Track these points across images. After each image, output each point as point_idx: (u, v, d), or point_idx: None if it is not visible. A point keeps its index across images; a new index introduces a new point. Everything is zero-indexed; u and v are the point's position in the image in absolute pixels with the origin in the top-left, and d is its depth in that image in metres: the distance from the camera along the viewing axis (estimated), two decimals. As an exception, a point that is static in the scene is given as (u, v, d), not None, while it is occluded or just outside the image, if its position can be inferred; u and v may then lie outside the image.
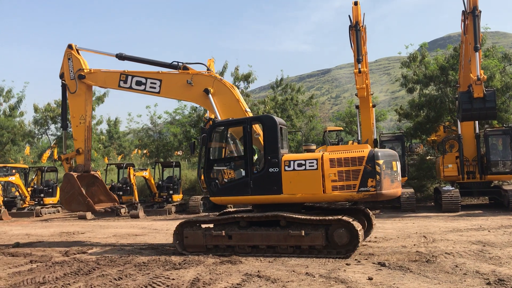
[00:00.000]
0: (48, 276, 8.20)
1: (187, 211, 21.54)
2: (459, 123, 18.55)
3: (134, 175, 21.72)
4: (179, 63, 11.82)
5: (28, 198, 23.64)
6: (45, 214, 23.01)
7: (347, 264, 8.21)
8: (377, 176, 8.91)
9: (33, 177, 25.96)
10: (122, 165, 25.50)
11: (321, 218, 9.13)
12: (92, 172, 13.09)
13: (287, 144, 10.56)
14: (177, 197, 22.89)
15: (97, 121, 37.70)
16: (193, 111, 31.50)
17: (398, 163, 9.85)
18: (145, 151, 34.93)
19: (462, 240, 10.50)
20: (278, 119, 9.93)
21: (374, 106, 20.59)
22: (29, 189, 24.30)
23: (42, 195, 23.85)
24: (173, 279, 7.59)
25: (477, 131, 18.61)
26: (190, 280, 7.47)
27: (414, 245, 10.12)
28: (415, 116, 24.99)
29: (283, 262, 8.66)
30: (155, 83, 11.83)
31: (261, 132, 9.93)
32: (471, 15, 15.55)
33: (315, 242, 9.05)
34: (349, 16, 17.60)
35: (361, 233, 9.01)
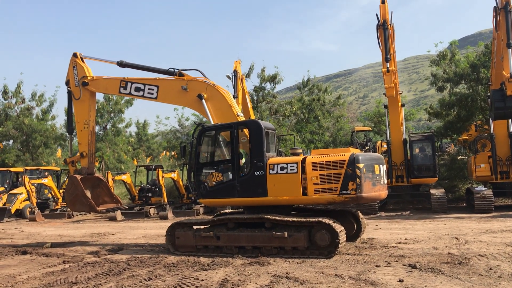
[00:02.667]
0: (80, 276, 8.37)
1: (215, 212, 21.60)
2: (491, 121, 18.09)
3: (162, 176, 21.94)
4: (175, 70, 12.13)
5: (60, 200, 24.16)
6: (77, 215, 23.46)
7: (377, 266, 8.11)
8: (357, 179, 9.09)
9: (65, 179, 26.48)
10: (151, 167, 25.78)
11: (303, 220, 9.31)
12: (97, 175, 13.48)
13: (275, 148, 10.82)
14: (205, 199, 22.97)
15: (126, 124, 38.32)
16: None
17: (383, 166, 10.01)
18: (173, 153, 35.28)
19: (496, 242, 10.23)
20: (264, 124, 10.22)
21: (403, 105, 20.28)
22: (61, 191, 24.78)
23: (74, 196, 24.28)
24: (202, 280, 7.64)
25: (511, 129, 18.13)
26: (219, 281, 7.50)
27: (446, 246, 9.91)
28: (446, 115, 24.50)
29: (312, 263, 8.62)
30: (152, 89, 12.20)
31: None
32: (503, 10, 15.15)
33: (297, 244, 9.25)
34: (376, 15, 17.43)
35: (342, 234, 9.14)
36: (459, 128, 24.24)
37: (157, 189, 22.94)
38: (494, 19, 16.14)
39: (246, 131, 10.36)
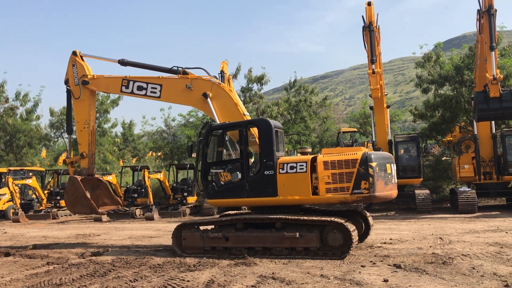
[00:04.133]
0: (65, 278, 8.29)
1: (201, 213, 21.59)
2: (475, 123, 18.34)
3: (148, 177, 21.83)
4: (179, 68, 12.00)
5: (44, 201, 23.91)
6: (62, 216, 23.23)
7: (362, 266, 8.16)
8: (370, 179, 9.00)
9: (50, 180, 26.26)
10: (137, 167, 25.65)
11: (315, 219, 9.18)
12: (97, 176, 13.28)
13: (283, 147, 10.68)
14: (192, 199, 22.97)
15: (112, 124, 37.97)
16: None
17: (393, 166, 9.95)
18: (159, 154, 35.06)
19: (479, 242, 10.37)
20: (274, 122, 10.07)
21: (388, 107, 20.47)
22: (45, 191, 24.57)
23: (58, 197, 24.07)
24: (188, 281, 7.62)
25: (494, 131, 18.38)
26: (205, 282, 7.49)
27: (430, 246, 10.02)
28: (430, 117, 24.76)
29: (298, 264, 8.64)
30: (155, 88, 12.03)
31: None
32: (487, 14, 15.37)
33: (309, 244, 9.13)
34: (362, 16, 17.57)
35: (354, 234, 9.06)
36: (444, 129, 24.50)
37: (143, 190, 22.83)
38: (478, 22, 16.36)
39: (254, 130, 10.25)
